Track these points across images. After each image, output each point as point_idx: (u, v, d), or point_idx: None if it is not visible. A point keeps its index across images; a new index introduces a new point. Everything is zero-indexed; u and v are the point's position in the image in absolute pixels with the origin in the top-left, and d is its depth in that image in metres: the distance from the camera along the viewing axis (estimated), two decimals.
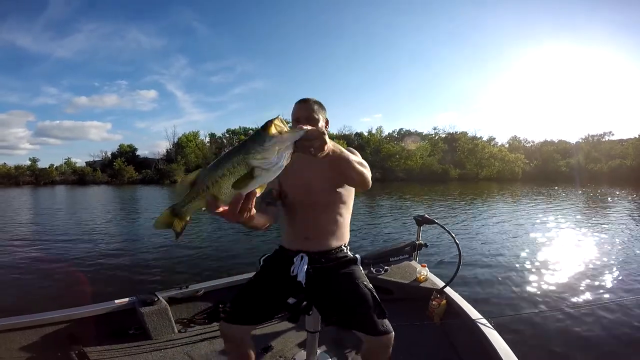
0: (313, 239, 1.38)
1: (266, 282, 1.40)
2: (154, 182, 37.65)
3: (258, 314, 1.35)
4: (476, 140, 49.76)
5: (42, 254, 5.82)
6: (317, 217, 1.38)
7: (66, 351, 1.83)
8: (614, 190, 22.10)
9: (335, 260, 1.39)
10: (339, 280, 1.34)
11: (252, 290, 1.39)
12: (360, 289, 1.30)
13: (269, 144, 0.67)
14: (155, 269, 5.03)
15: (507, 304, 3.77)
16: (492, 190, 23.43)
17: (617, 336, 3.02)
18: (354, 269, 1.39)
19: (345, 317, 1.28)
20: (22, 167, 39.59)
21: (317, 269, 1.35)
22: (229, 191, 0.72)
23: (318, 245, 1.38)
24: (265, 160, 0.68)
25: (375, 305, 1.26)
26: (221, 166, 0.71)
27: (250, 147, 0.68)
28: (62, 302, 2.81)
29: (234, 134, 51.91)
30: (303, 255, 1.35)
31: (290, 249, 1.41)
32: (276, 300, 1.37)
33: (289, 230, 1.43)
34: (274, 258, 1.48)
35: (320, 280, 1.34)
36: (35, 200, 18.53)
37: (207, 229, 8.56)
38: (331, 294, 1.32)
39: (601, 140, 47.69)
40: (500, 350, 1.66)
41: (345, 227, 1.43)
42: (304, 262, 1.34)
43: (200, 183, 0.75)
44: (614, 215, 10.75)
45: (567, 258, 5.63)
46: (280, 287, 1.37)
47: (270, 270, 1.43)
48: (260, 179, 0.70)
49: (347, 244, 1.45)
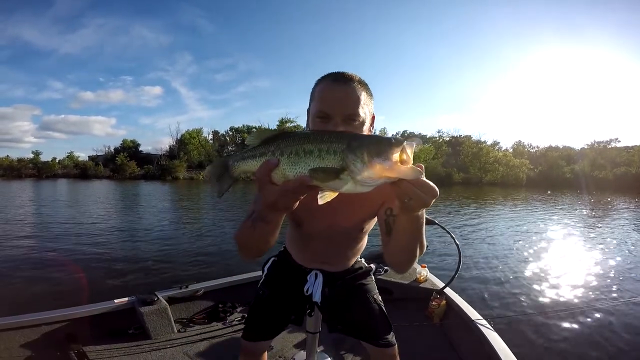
0: (331, 263, 1.22)
1: (279, 298, 1.26)
2: (155, 178, 37.74)
3: (276, 327, 1.28)
4: (480, 144, 49.56)
5: (41, 253, 5.80)
6: (338, 246, 1.18)
7: (65, 351, 1.81)
8: (618, 197, 21.96)
9: (352, 272, 1.26)
10: (351, 293, 1.25)
11: (266, 307, 1.27)
12: (370, 303, 1.24)
13: (380, 160, 0.56)
14: (155, 268, 5.03)
15: (507, 304, 3.80)
16: (496, 195, 23.34)
17: (617, 337, 3.04)
18: (368, 282, 1.28)
19: (351, 328, 1.25)
20: (24, 160, 39.86)
21: (331, 286, 1.22)
22: (298, 171, 0.61)
23: (335, 267, 1.23)
24: (363, 171, 0.57)
25: (382, 320, 1.23)
26: (314, 143, 0.60)
27: (360, 147, 0.57)
28: (61, 301, 2.82)
29: (237, 131, 52.06)
30: (318, 272, 1.21)
31: (303, 264, 1.23)
32: (291, 312, 1.29)
33: (303, 250, 1.23)
34: (282, 267, 1.29)
35: (334, 295, 1.23)
36: (35, 194, 18.55)
37: (207, 228, 8.57)
38: (341, 305, 1.25)
39: (607, 147, 47.35)
40: (499, 350, 1.66)
41: (364, 245, 1.25)
42: (319, 281, 1.19)
43: (275, 145, 0.64)
44: (616, 222, 10.71)
45: (566, 261, 5.66)
46: (294, 302, 1.27)
47: (281, 285, 1.27)
48: (340, 184, 0.59)
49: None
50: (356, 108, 0.85)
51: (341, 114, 0.84)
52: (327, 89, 0.87)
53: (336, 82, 0.86)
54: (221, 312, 2.38)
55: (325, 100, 0.86)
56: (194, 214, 11.80)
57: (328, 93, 0.86)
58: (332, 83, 0.87)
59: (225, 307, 2.43)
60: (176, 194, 20.71)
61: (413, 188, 0.58)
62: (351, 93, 0.85)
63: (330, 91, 0.86)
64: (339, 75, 0.88)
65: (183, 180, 37.66)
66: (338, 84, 0.86)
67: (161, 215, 11.24)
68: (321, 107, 0.86)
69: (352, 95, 0.85)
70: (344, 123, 0.85)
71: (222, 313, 2.38)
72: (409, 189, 0.58)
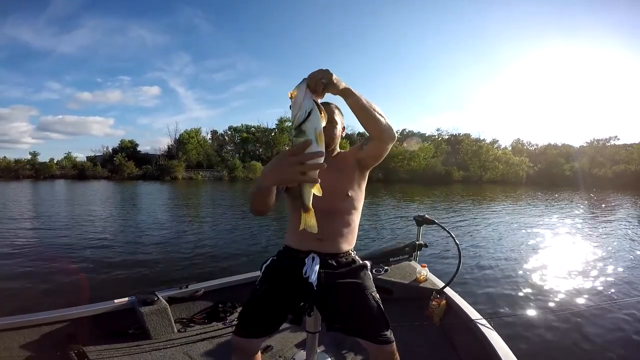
0: (325, 241, 1.30)
1: (275, 292, 1.30)
2: (154, 178, 37.62)
3: (270, 325, 1.30)
4: (480, 142, 49.58)
5: (41, 253, 5.79)
6: (331, 221, 1.30)
7: (65, 351, 1.81)
8: (618, 195, 22.00)
9: (346, 265, 1.33)
10: (349, 288, 1.29)
11: (261, 302, 1.30)
12: (368, 300, 1.27)
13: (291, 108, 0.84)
14: (155, 268, 5.02)
15: (507, 304, 3.80)
16: (496, 193, 23.37)
17: (617, 337, 3.04)
18: (364, 279, 1.33)
19: (349, 325, 1.27)
20: (22, 161, 39.66)
21: (328, 273, 1.29)
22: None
23: (330, 247, 1.31)
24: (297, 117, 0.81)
25: (380, 317, 1.25)
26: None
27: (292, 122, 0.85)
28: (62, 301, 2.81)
29: (236, 131, 51.97)
30: (314, 255, 1.28)
31: (300, 249, 1.32)
32: (286, 308, 1.31)
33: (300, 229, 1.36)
34: (279, 262, 1.37)
35: (329, 285, 1.27)
36: (33, 195, 18.53)
37: (207, 228, 8.57)
38: (339, 301, 1.28)
39: (606, 144, 47.40)
40: (499, 350, 1.66)
41: (355, 231, 1.39)
42: (316, 262, 1.27)
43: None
44: (616, 220, 10.72)
45: (567, 260, 5.65)
46: (290, 294, 1.29)
47: (278, 277, 1.33)
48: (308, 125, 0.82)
49: (353, 248, 1.41)
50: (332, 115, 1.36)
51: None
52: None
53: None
54: (221, 312, 2.38)
55: None
56: (193, 214, 11.78)
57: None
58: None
59: (225, 307, 2.43)
60: (175, 194, 20.67)
61: (312, 81, 0.90)
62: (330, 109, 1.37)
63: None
64: (323, 102, 1.14)
65: (182, 180, 37.59)
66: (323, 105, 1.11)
67: (161, 215, 11.23)
68: None
69: (330, 110, 1.37)
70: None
71: (222, 313, 2.38)
72: (314, 83, 0.90)
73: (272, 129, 49.01)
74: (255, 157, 45.93)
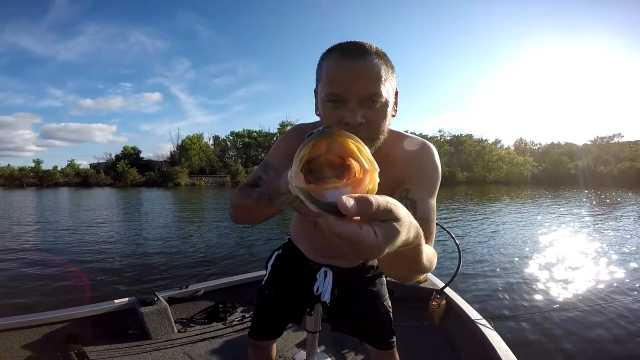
0: (342, 257, 1.11)
1: (286, 299, 1.21)
2: (157, 185, 37.93)
3: (284, 325, 1.26)
4: (482, 142, 49.47)
5: (42, 254, 5.86)
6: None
7: (65, 351, 1.81)
8: (624, 193, 21.80)
9: (363, 271, 1.17)
10: (362, 297, 1.17)
11: (273, 308, 1.22)
12: (379, 310, 1.18)
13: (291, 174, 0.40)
14: (155, 268, 5.05)
15: (507, 304, 3.77)
16: (500, 193, 23.23)
17: (617, 336, 3.00)
18: (379, 287, 1.20)
19: (356, 330, 1.23)
20: (25, 169, 40.11)
21: (342, 287, 1.14)
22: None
23: (346, 263, 1.12)
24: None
25: (388, 326, 1.20)
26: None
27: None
28: (62, 301, 2.82)
29: (238, 136, 52.26)
30: (327, 270, 1.11)
31: (310, 258, 1.14)
32: (298, 311, 1.27)
33: (313, 241, 1.12)
34: (288, 264, 1.21)
35: (344, 297, 1.16)
36: (37, 202, 18.71)
37: (208, 229, 8.60)
38: (350, 308, 1.19)
39: (610, 142, 47.11)
40: (499, 350, 1.65)
41: None
42: (329, 279, 1.11)
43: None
44: (620, 218, 10.63)
45: (567, 260, 5.60)
46: (302, 301, 1.23)
47: (288, 284, 1.20)
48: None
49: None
50: (379, 88, 0.67)
51: (357, 95, 0.67)
52: (337, 66, 0.68)
53: (352, 54, 0.67)
54: (221, 312, 2.37)
55: (335, 79, 0.67)
56: (194, 217, 11.83)
57: (339, 70, 0.67)
58: (343, 58, 0.67)
59: (226, 307, 2.42)
60: (177, 200, 20.78)
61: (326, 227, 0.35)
62: (372, 71, 0.67)
63: (341, 68, 0.67)
64: (351, 46, 0.68)
65: (185, 186, 37.80)
66: (354, 56, 0.67)
67: (162, 217, 11.30)
68: (332, 88, 0.68)
69: (373, 72, 0.67)
70: (361, 106, 0.68)
71: (222, 313, 2.37)
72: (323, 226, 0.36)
73: (274, 134, 49.24)
74: (257, 162, 45.98)
